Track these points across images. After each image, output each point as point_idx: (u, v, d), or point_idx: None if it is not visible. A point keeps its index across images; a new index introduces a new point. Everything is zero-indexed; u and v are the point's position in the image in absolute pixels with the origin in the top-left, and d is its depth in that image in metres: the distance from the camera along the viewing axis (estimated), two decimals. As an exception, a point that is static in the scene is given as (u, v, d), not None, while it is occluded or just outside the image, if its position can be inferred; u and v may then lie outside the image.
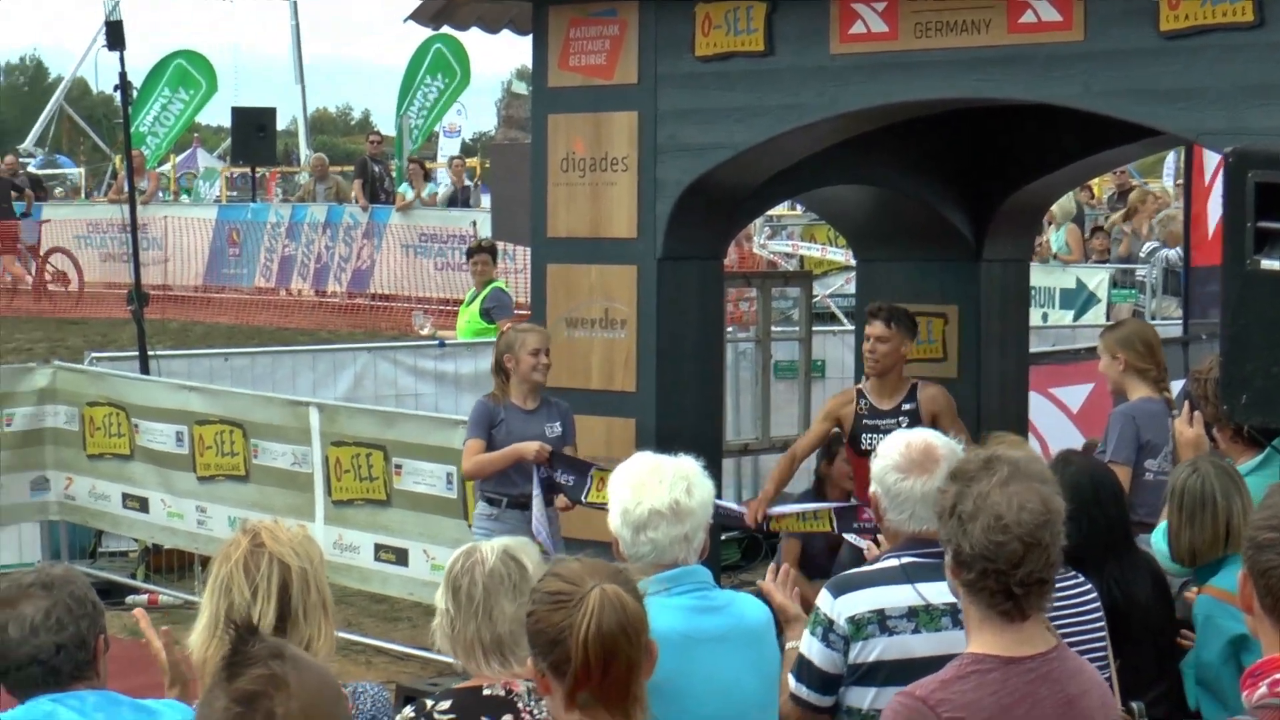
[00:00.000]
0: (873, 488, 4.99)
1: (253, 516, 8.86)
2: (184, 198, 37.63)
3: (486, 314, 15.16)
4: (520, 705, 4.25)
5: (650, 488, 4.69)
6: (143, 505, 12.51)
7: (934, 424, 8.51)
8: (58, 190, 41.71)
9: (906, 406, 9.34)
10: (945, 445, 4.95)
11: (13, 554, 12.84)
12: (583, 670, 3.44)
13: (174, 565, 13.01)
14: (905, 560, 4.86)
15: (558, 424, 9.46)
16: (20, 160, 37.47)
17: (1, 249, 28.98)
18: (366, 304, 26.73)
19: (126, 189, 15.28)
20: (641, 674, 3.52)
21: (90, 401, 12.80)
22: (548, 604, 3.51)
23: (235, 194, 38.20)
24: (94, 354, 14.58)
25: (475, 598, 4.26)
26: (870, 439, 8.85)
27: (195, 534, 12.18)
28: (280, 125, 37.08)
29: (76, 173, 48.37)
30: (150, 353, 13.70)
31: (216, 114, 53.50)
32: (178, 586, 12.65)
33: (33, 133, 50.35)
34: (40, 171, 40.35)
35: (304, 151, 38.80)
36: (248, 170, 34.09)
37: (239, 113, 32.77)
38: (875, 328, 9.40)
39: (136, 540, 13.18)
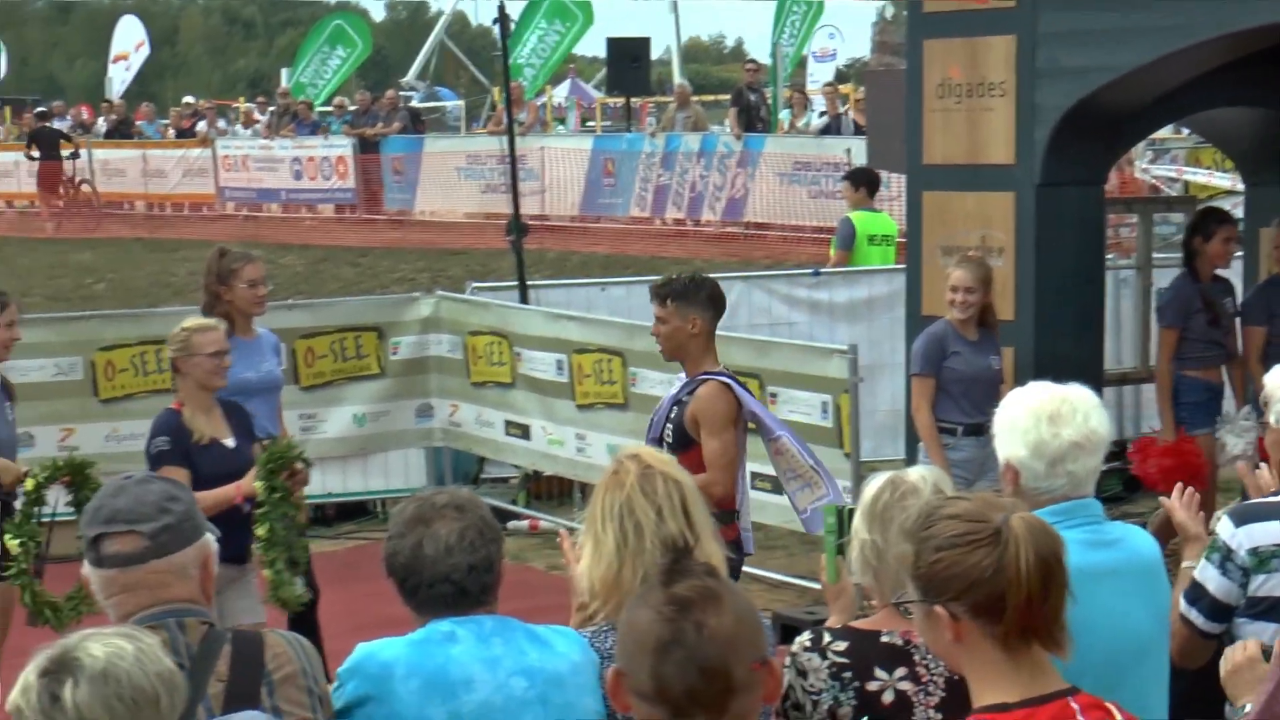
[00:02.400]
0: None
1: (630, 444, 8.95)
2: (560, 128, 38.18)
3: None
4: (916, 657, 4.21)
5: (1066, 419, 4.49)
6: (524, 432, 12.75)
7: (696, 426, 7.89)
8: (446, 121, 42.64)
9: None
10: None
11: (399, 479, 13.21)
12: (1024, 604, 3.29)
13: (553, 492, 13.25)
14: None
15: (997, 357, 9.58)
16: (401, 94, 38.45)
17: (46, 187, 34.65)
18: (740, 233, 26.82)
19: (505, 121, 15.52)
20: (1066, 597, 3.41)
21: (472, 330, 13.07)
22: (961, 545, 3.33)
23: (610, 124, 38.62)
24: (475, 284, 14.88)
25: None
26: None
27: (575, 461, 12.37)
28: (654, 55, 37.29)
29: (457, 105, 49.40)
30: (529, 282, 13.93)
31: (592, 45, 54.10)
32: (557, 513, 12.88)
33: (414, 67, 51.57)
34: (421, 105, 41.34)
35: (677, 81, 39.00)
36: (622, 100, 34.43)
37: (614, 43, 33.09)
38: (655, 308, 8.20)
39: (517, 467, 13.45)
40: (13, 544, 7.91)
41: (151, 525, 3.94)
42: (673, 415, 7.85)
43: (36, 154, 35.19)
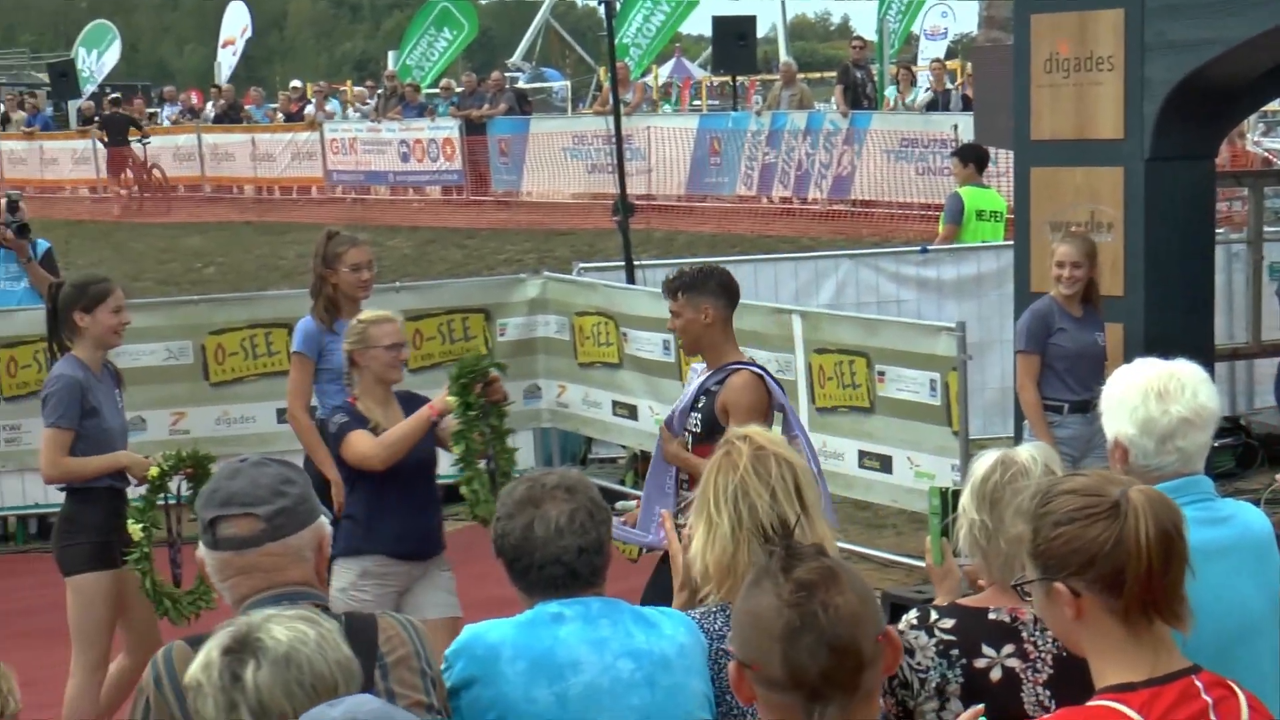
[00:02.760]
0: None
1: (730, 428, 8.93)
2: (666, 108, 38.17)
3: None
4: (1024, 635, 4.19)
5: (1174, 395, 4.43)
6: (631, 412, 12.77)
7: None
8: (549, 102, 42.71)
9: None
10: None
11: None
12: (1145, 576, 3.25)
13: (661, 471, 13.25)
14: None
15: (1102, 334, 9.57)
16: (507, 75, 38.55)
17: (114, 172, 36.32)
18: (847, 210, 26.71)
19: (611, 101, 15.53)
20: (1186, 571, 3.37)
21: (579, 311, 13.10)
22: (1080, 519, 3.29)
23: (716, 103, 38.57)
24: (581, 264, 14.92)
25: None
26: None
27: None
28: (760, 33, 37.20)
29: (563, 86, 49.49)
30: (635, 262, 13.94)
31: (698, 24, 54.06)
32: (665, 492, 12.88)
33: (520, 47, 51.72)
34: (527, 85, 41.43)
35: (783, 59, 38.88)
36: (728, 78, 34.36)
37: (720, 22, 33.00)
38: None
39: (624, 447, 13.47)
40: (135, 530, 8.01)
41: (267, 508, 3.97)
42: (701, 405, 7.79)
43: (106, 140, 36.18)
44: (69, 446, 8.02)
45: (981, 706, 3.17)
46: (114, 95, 41.22)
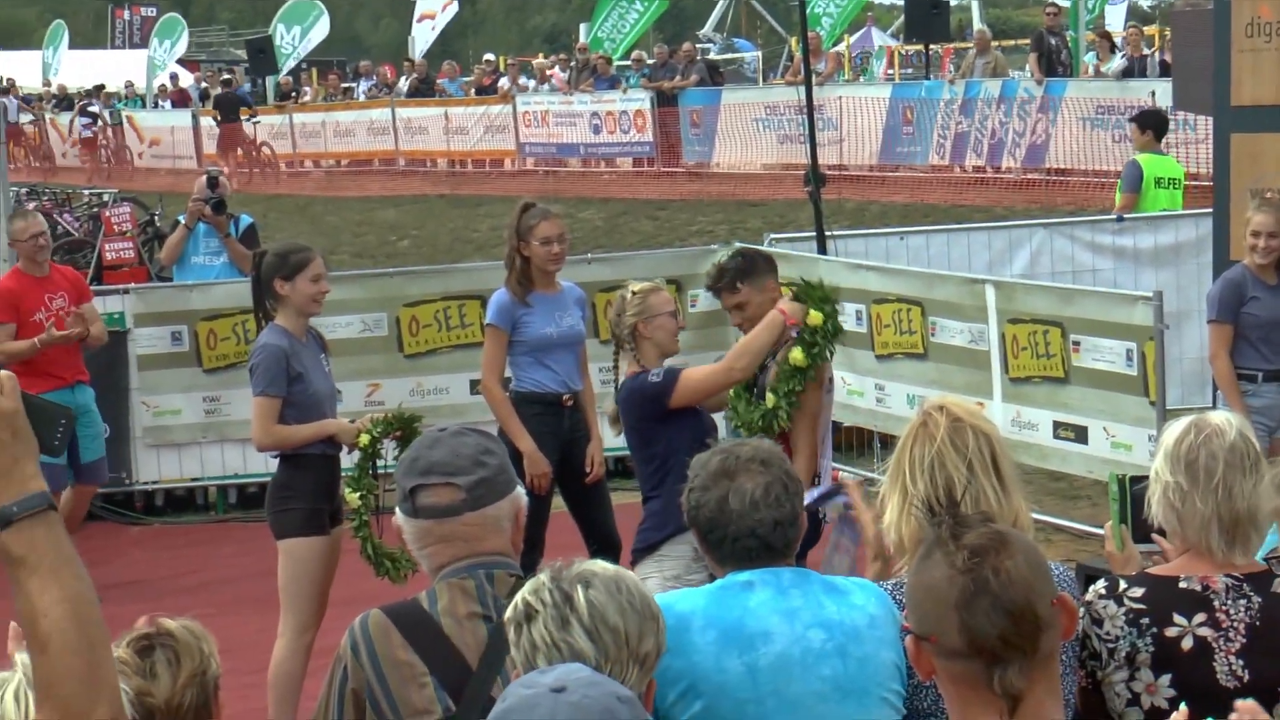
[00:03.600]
0: None
1: (930, 394, 8.88)
2: (861, 78, 37.95)
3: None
4: (1216, 604, 4.12)
5: None
6: (825, 383, 12.71)
7: None
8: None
9: None
10: None
11: (700, 430, 13.27)
12: None
13: (853, 442, 13.20)
14: None
15: None
16: (699, 46, 38.53)
17: (227, 146, 38.37)
18: (1041, 179, 26.39)
19: (803, 71, 15.46)
20: None
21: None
22: None
23: (909, 72, 38.28)
24: (772, 235, 14.86)
25: (1215, 474, 4.11)
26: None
27: (874, 411, 12.31)
28: (953, 0, 36.85)
29: (754, 56, 49.37)
30: (827, 233, 13.87)
31: (889, -8, 53.59)
32: (856, 464, 12.83)
33: (711, 18, 51.70)
34: (718, 56, 41.36)
35: (977, 26, 38.49)
36: (921, 48, 34.08)
37: (912, -11, 32.72)
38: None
39: (816, 417, 13.41)
40: (352, 497, 8.16)
41: (468, 478, 4.01)
42: (758, 380, 7.80)
43: (219, 119, 38.27)
44: (278, 413, 8.15)
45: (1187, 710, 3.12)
46: (225, 77, 43.01)
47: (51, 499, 2.85)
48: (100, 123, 40.90)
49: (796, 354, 7.72)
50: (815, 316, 7.78)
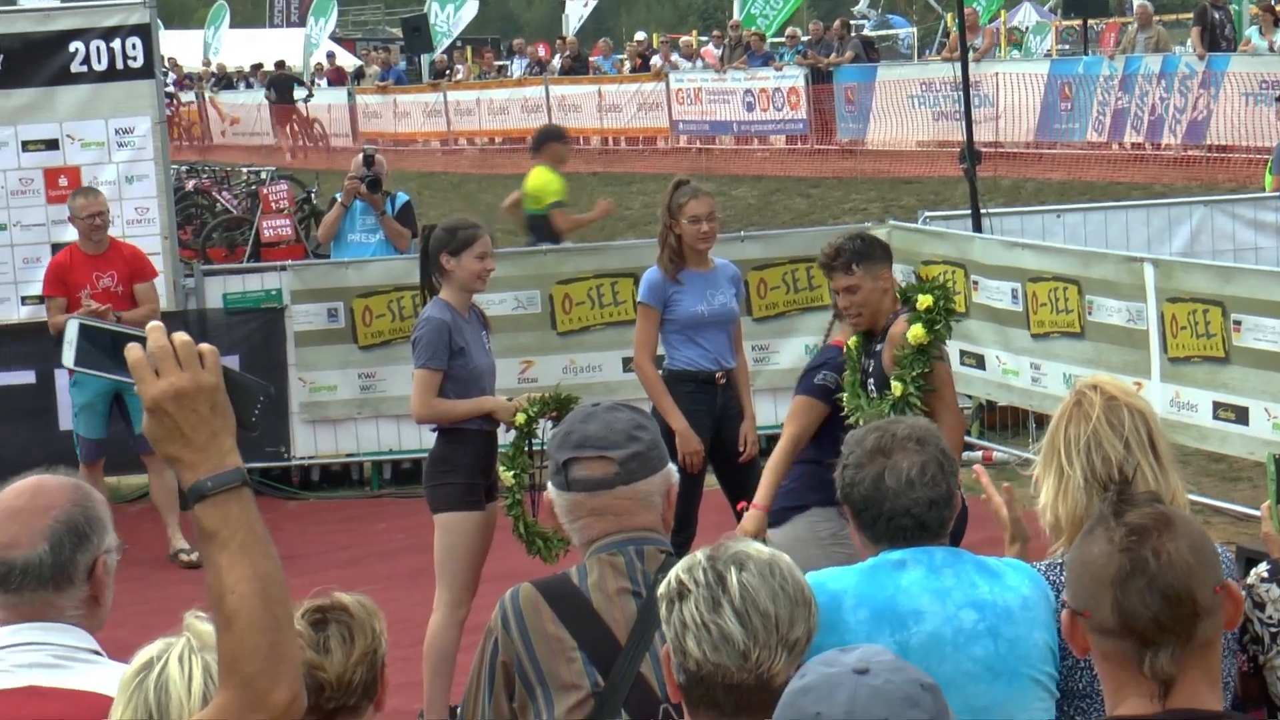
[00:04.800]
0: None
1: (1087, 373, 8.78)
2: (1015, 53, 37.58)
3: None
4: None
5: None
6: (978, 362, 12.61)
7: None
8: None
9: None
10: None
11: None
12: None
13: (1007, 422, 13.09)
14: None
15: None
16: (853, 22, 38.32)
17: (282, 122, 41.83)
18: (1202, 156, 25.98)
19: (959, 47, 15.33)
20: None
21: (925, 260, 12.97)
22: None
23: (1066, 47, 37.86)
24: (927, 212, 14.76)
25: None
26: None
27: (1029, 391, 12.19)
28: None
29: (909, 33, 49.03)
30: (982, 210, 13.75)
31: (1047, -33, 53.02)
32: (1011, 443, 12.74)
33: (866, -5, 51.29)
34: (873, 33, 41.11)
35: (1138, 1, 37.96)
36: (1079, 23, 33.67)
37: (1071, -35, 32.38)
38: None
39: (970, 396, 13.32)
40: (507, 476, 8.22)
41: (621, 452, 4.02)
42: (871, 369, 7.69)
43: (274, 96, 41.29)
44: (438, 387, 8.21)
45: None
46: (279, 59, 45.38)
47: (246, 475, 2.88)
48: (309, 99, 41.80)
49: (918, 331, 7.60)
50: (925, 300, 7.66)
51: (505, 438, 8.49)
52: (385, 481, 13.35)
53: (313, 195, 23.19)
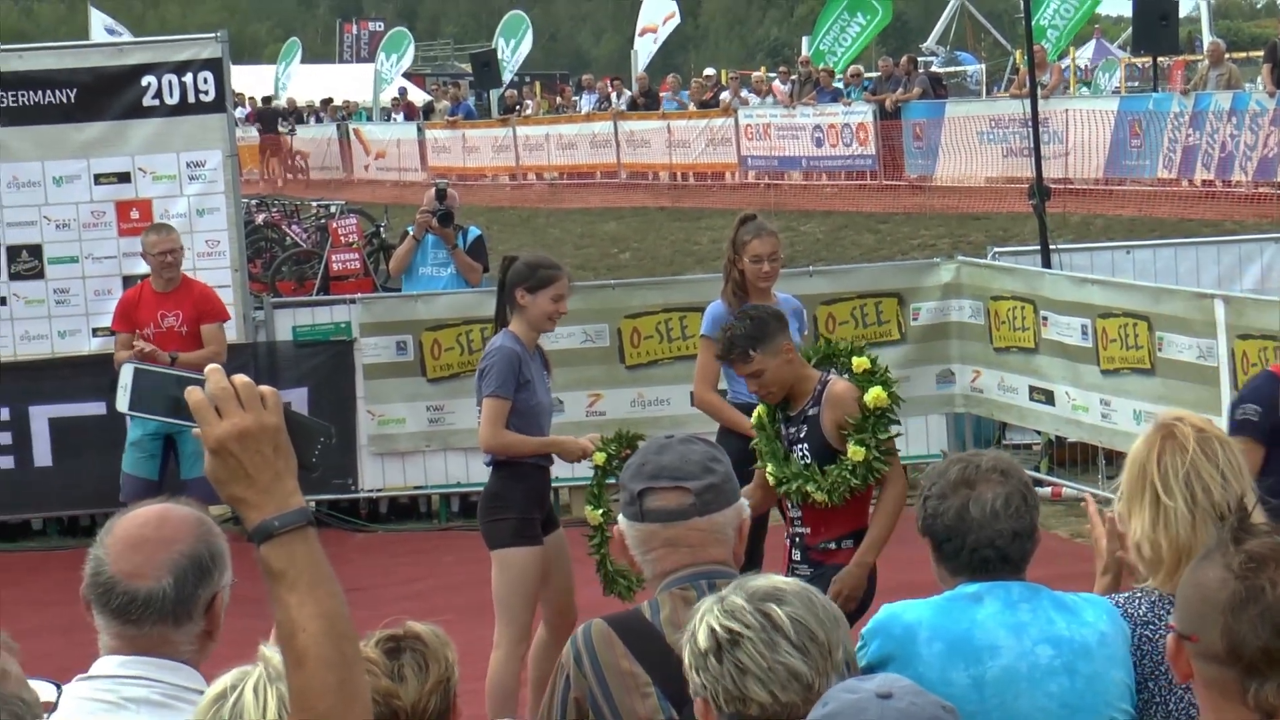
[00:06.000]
0: None
1: (1157, 410, 8.71)
2: (1084, 90, 37.44)
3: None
4: None
5: None
6: (1048, 398, 12.55)
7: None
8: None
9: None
10: None
11: (919, 445, 13.16)
12: None
13: (1076, 458, 13.01)
14: None
15: None
16: (921, 59, 38.27)
17: (266, 153, 45.44)
18: (1273, 193, 25.82)
19: (1028, 84, 15.29)
20: None
21: (995, 295, 12.93)
22: None
23: (1135, 84, 37.71)
24: (996, 249, 14.70)
25: None
26: None
27: (1099, 427, 12.12)
28: (1182, 11, 36.22)
29: (977, 69, 48.96)
30: (1051, 246, 13.70)
31: (1117, 4, 52.93)
32: (1080, 480, 12.65)
33: (935, 31, 51.34)
34: (941, 69, 41.03)
35: (1209, 38, 37.81)
36: (1149, 60, 33.53)
37: (1141, 2, 32.21)
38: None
39: (1039, 432, 13.25)
40: (594, 515, 8.14)
41: (697, 483, 4.01)
42: (804, 435, 7.40)
43: (261, 129, 44.71)
44: (506, 417, 8.19)
45: None
46: (266, 95, 48.81)
47: (311, 515, 2.88)
48: (292, 133, 45.26)
49: (879, 394, 7.36)
50: (861, 362, 7.47)
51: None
52: (453, 514, 13.36)
53: (381, 229, 23.30)
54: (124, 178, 12.84)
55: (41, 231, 12.81)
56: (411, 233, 13.39)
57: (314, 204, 27.09)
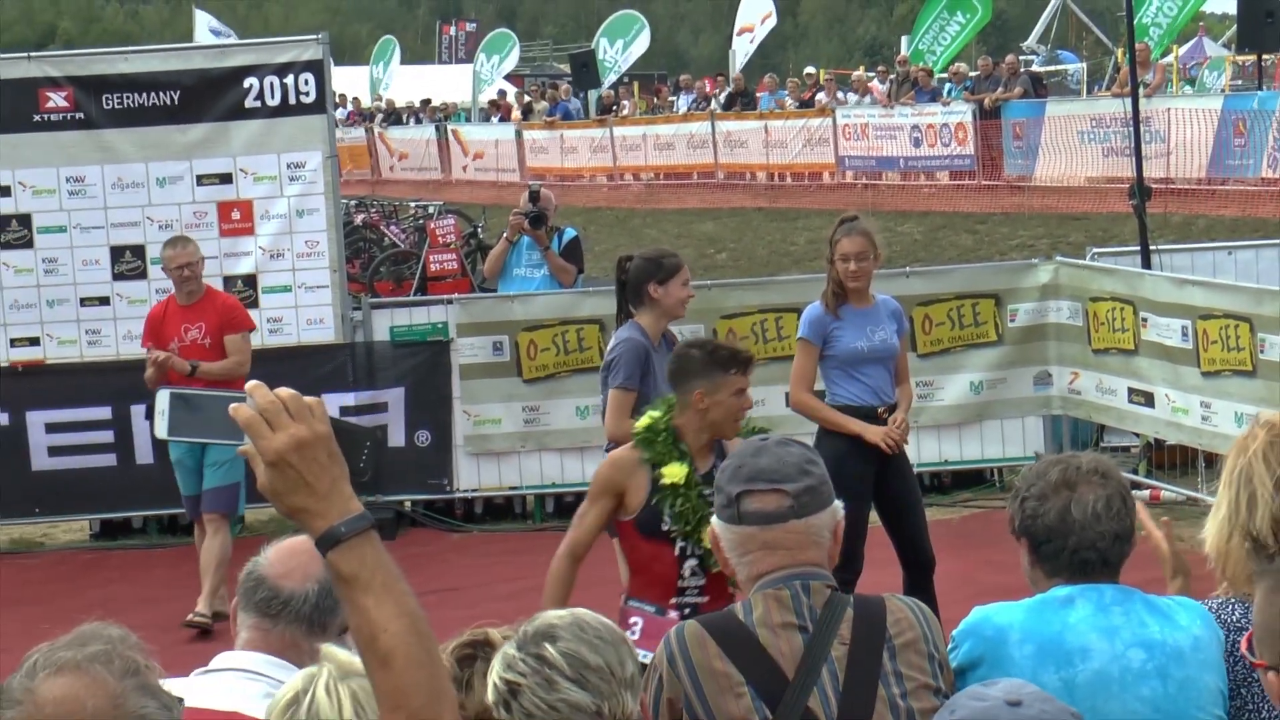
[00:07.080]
0: None
1: (1260, 412, 8.63)
2: (1186, 89, 37.11)
3: None
4: None
5: None
6: (1147, 400, 12.45)
7: None
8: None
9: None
10: None
11: (1016, 447, 13.10)
12: None
13: (1175, 461, 12.91)
14: None
15: None
16: (1022, 58, 38.04)
17: None
18: (1379, 192, 25.54)
19: (1130, 82, 15.18)
20: None
21: (1094, 296, 12.84)
22: None
23: (1240, 83, 37.32)
24: (1095, 249, 14.60)
25: None
26: None
27: (1199, 429, 12.02)
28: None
29: (1078, 68, 48.61)
30: (1152, 247, 13.59)
31: (1221, 1, 52.46)
32: (1179, 483, 12.55)
33: (1035, 30, 51.01)
34: (1042, 69, 40.77)
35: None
36: (1254, 58, 33.18)
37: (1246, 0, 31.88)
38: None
39: (1138, 435, 13.15)
40: (678, 470, 8.06)
41: (795, 485, 4.02)
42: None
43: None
44: (632, 408, 8.20)
45: None
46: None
47: (373, 519, 2.90)
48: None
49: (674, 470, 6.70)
50: (675, 471, 6.69)
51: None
52: (548, 515, 13.38)
53: (479, 230, 23.39)
54: (225, 179, 12.96)
55: (145, 232, 12.94)
56: (506, 235, 13.45)
57: (412, 204, 27.23)
